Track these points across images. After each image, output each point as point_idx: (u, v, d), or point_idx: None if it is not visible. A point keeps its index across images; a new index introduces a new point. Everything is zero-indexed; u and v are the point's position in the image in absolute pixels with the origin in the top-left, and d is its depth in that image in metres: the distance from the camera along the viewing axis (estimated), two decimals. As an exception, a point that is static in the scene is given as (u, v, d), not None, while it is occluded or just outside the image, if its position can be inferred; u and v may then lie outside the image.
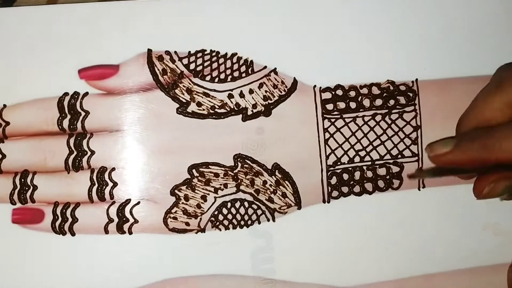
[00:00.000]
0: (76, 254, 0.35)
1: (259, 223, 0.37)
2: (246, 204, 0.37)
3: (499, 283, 0.38)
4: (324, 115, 0.37)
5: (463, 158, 0.30)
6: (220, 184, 0.36)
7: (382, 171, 0.38)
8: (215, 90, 0.36)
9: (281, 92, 0.37)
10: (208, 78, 0.36)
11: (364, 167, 0.38)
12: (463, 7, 0.38)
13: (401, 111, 0.38)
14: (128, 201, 0.36)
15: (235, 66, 0.36)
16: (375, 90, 0.37)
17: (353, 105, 0.37)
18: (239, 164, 0.36)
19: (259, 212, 0.37)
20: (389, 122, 0.38)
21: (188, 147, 0.36)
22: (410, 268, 0.38)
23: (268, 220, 0.37)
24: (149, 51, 0.36)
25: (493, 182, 0.30)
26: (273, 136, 0.37)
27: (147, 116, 0.36)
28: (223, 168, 0.36)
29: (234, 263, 0.36)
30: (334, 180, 0.37)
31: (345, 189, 0.37)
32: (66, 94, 0.35)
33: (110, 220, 0.35)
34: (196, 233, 0.36)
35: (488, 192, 0.30)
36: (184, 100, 0.36)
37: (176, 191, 0.36)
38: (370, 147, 0.38)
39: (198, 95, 0.36)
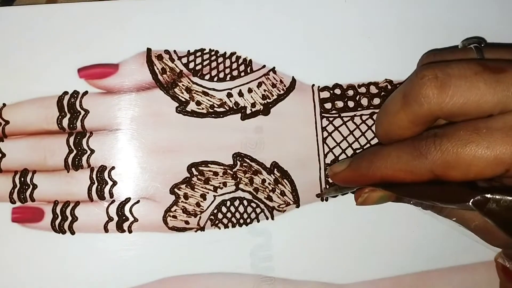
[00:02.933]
0: (76, 253, 0.35)
1: (258, 221, 0.37)
2: (245, 202, 0.37)
3: (495, 280, 0.38)
4: (322, 114, 0.37)
5: (354, 176, 0.31)
6: (219, 183, 0.36)
7: (379, 170, 0.38)
8: (214, 89, 0.36)
9: (279, 91, 0.37)
10: (207, 77, 0.36)
11: (362, 166, 0.38)
12: (462, 7, 0.38)
13: (398, 110, 0.38)
14: (127, 199, 0.36)
15: (234, 65, 0.37)
16: (373, 89, 0.38)
17: (351, 104, 0.38)
18: (238, 163, 0.37)
19: (258, 210, 0.37)
20: (387, 121, 0.38)
21: (188, 146, 0.36)
22: (407, 265, 0.38)
23: (267, 218, 0.37)
24: (149, 50, 0.36)
25: (367, 193, 0.31)
26: (271, 135, 0.37)
27: (147, 115, 0.36)
28: (222, 167, 0.36)
29: (233, 261, 0.37)
30: (332, 179, 0.38)
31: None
32: (65, 93, 0.35)
33: (110, 219, 0.36)
34: (196, 231, 0.36)
35: (362, 201, 0.31)
36: (183, 99, 0.36)
37: (175, 189, 0.36)
38: (368, 146, 0.38)
39: (198, 94, 0.36)
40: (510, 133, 0.25)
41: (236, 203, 0.37)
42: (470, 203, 0.25)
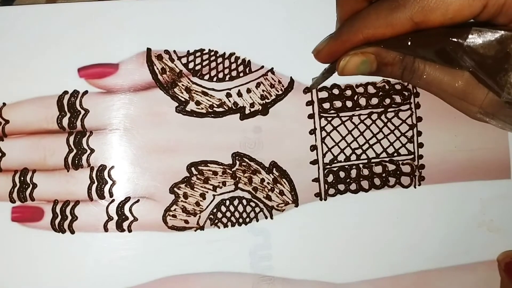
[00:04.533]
0: (76, 252, 0.35)
1: (257, 220, 0.37)
2: (244, 201, 0.37)
3: (494, 279, 0.39)
4: (321, 114, 0.38)
5: (337, 45, 0.31)
6: (219, 182, 0.37)
7: (378, 169, 0.38)
8: (213, 89, 0.37)
9: (278, 91, 0.37)
10: (206, 77, 0.37)
11: (361, 165, 0.38)
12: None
13: (396, 110, 0.38)
14: (127, 199, 0.36)
15: (233, 66, 0.37)
16: (371, 89, 0.38)
17: (349, 104, 0.38)
18: (237, 162, 0.37)
19: (257, 209, 0.37)
20: (385, 120, 0.38)
21: (187, 145, 0.36)
22: (406, 264, 0.38)
23: (266, 217, 0.37)
24: (149, 50, 0.36)
25: (349, 55, 0.30)
26: (270, 135, 0.37)
27: (146, 114, 0.36)
28: (221, 166, 0.37)
29: (232, 260, 0.37)
30: (330, 178, 0.38)
31: (341, 187, 0.38)
32: (65, 92, 0.36)
33: (110, 218, 0.36)
34: (195, 230, 0.36)
35: (343, 66, 0.30)
36: (183, 99, 0.36)
37: (175, 189, 0.36)
38: (366, 146, 0.38)
39: (197, 94, 0.36)
40: None
41: (236, 202, 0.37)
42: (452, 38, 0.26)
